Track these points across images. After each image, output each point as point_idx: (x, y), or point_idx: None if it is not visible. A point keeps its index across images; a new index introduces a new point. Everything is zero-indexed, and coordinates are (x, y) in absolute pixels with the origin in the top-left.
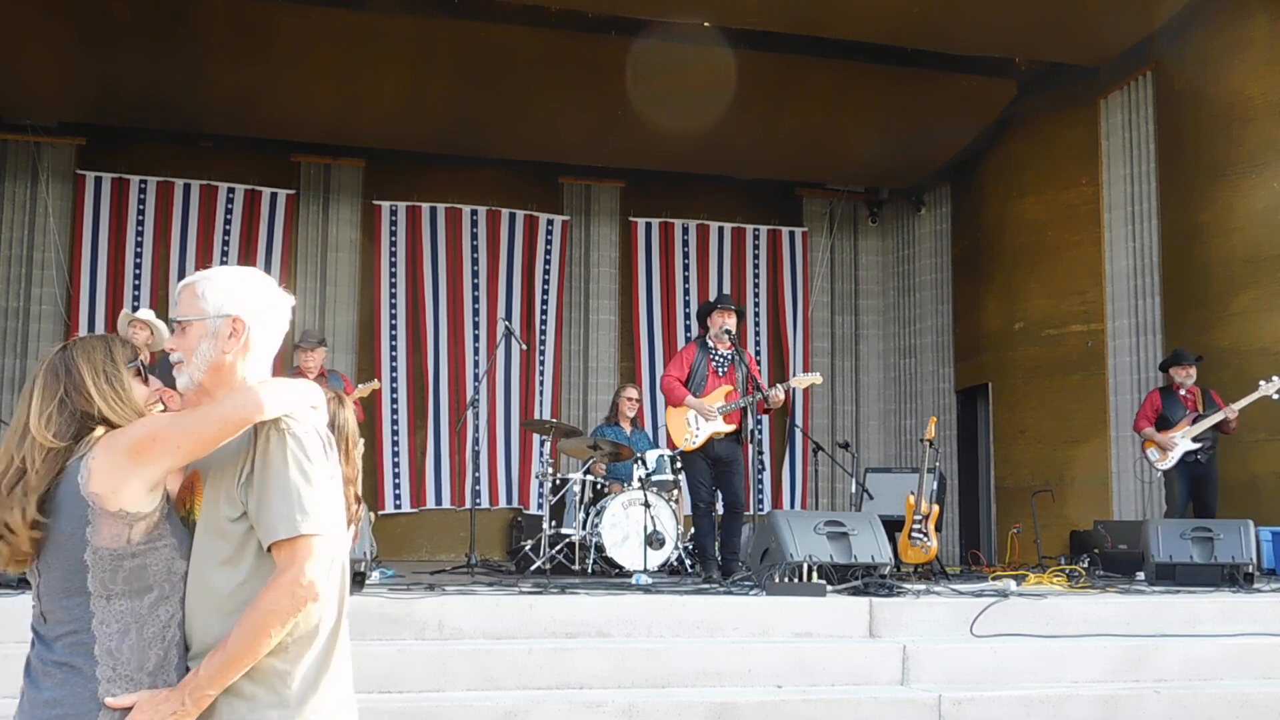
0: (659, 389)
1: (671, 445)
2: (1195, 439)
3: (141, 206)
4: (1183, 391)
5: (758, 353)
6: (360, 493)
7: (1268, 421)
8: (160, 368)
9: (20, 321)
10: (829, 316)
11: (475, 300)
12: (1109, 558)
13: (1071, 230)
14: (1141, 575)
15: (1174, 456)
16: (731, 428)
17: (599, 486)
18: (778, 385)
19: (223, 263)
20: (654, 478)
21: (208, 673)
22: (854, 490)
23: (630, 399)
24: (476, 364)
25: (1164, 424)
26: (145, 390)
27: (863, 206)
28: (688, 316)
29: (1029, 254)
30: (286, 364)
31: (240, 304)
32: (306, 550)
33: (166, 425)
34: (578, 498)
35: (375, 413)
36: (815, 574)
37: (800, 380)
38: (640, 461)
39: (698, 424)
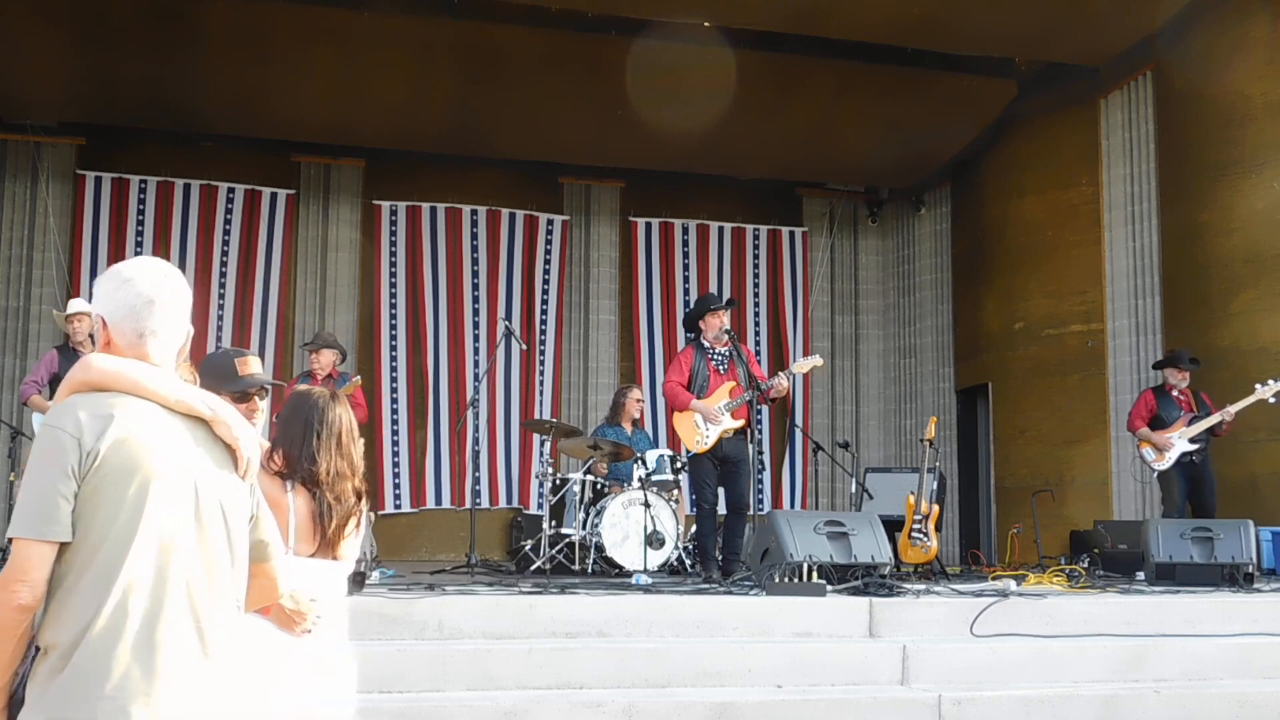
0: (659, 390)
1: (676, 447)
2: (1192, 440)
3: (141, 206)
4: (1175, 393)
5: (757, 352)
6: (362, 489)
7: (1267, 421)
8: None
9: (20, 321)
10: (829, 316)
11: (475, 300)
12: (1109, 558)
13: (1071, 230)
14: (1141, 575)
15: (1171, 457)
16: (740, 423)
17: (599, 486)
18: (780, 374)
19: (223, 263)
20: (654, 478)
21: None
22: (854, 490)
23: (637, 400)
24: (476, 364)
25: (1159, 424)
26: None
27: (863, 206)
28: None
29: (1029, 254)
30: (292, 368)
31: (97, 300)
32: (11, 555)
33: None
34: (578, 498)
35: (375, 412)
36: (815, 574)
37: (802, 365)
38: (640, 461)
39: (706, 425)
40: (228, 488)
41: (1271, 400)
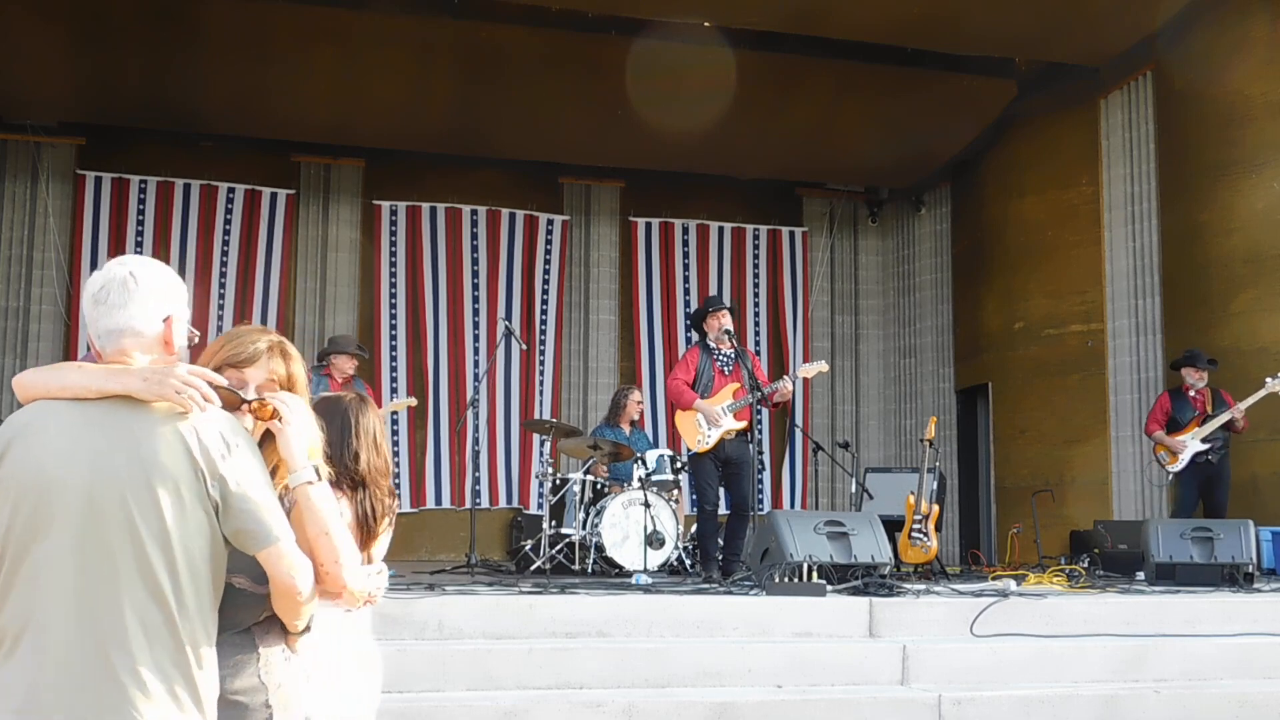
0: (660, 390)
1: (676, 447)
2: (1204, 440)
3: (141, 206)
4: (1192, 393)
5: (758, 352)
6: (393, 489)
7: (1268, 421)
8: None
9: (20, 321)
10: (829, 316)
11: (475, 300)
12: (1109, 558)
13: (1071, 230)
14: (1141, 575)
15: (1184, 459)
16: (742, 424)
17: (599, 486)
18: (785, 377)
19: (223, 263)
20: (654, 478)
21: None
22: (854, 490)
23: (637, 402)
24: (476, 364)
25: (1174, 426)
26: None
27: (863, 206)
28: (688, 316)
29: (1029, 254)
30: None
31: None
32: None
33: None
34: (578, 498)
35: None
36: (815, 574)
37: (807, 369)
38: (640, 461)
39: (709, 425)
40: (155, 472)
41: None
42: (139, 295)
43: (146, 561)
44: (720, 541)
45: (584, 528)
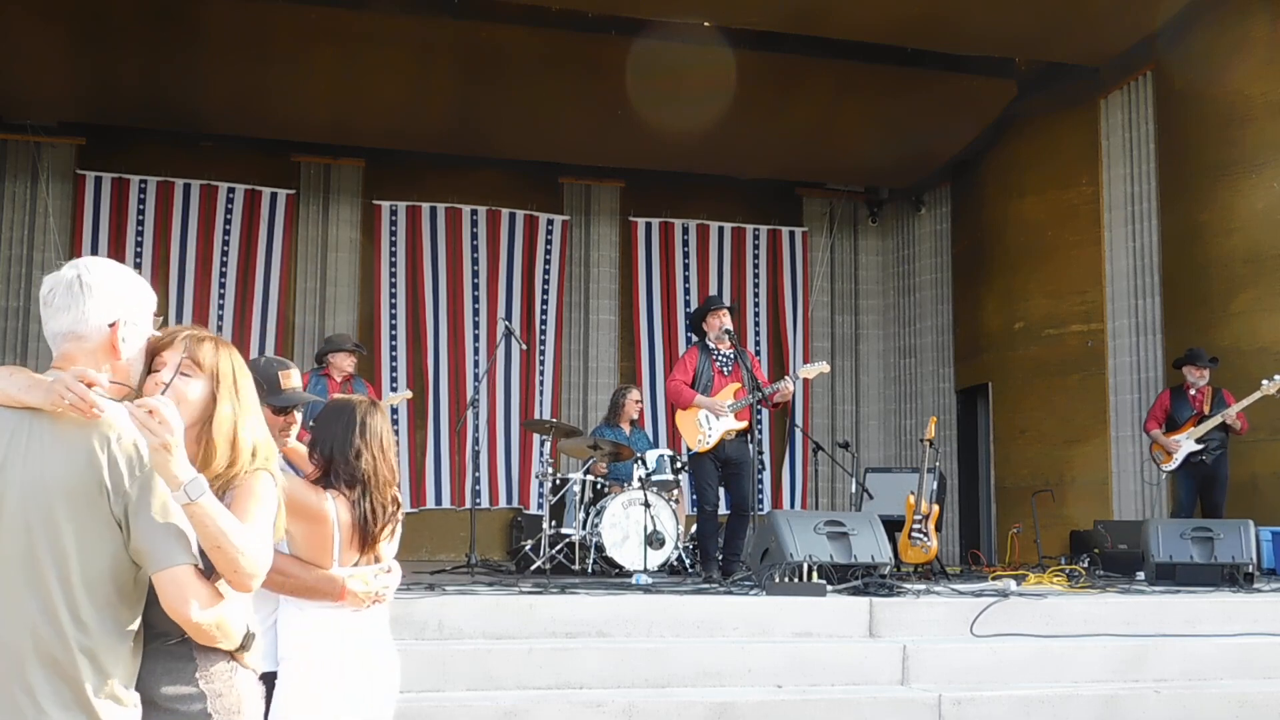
0: (660, 390)
1: (676, 447)
2: (1198, 440)
3: (141, 206)
4: (1193, 391)
5: (758, 352)
6: (399, 498)
7: (1268, 421)
8: None
9: (20, 321)
10: (829, 316)
11: (475, 300)
12: (1109, 558)
13: (1071, 230)
14: (1141, 575)
15: (1178, 459)
16: (743, 424)
17: (599, 486)
18: (786, 378)
19: (223, 263)
20: (654, 478)
21: None
22: (854, 490)
23: (636, 401)
24: (476, 364)
25: (1172, 425)
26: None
27: (863, 206)
28: (688, 316)
29: (1029, 254)
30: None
31: None
32: None
33: None
34: (578, 498)
35: None
36: (815, 574)
37: (808, 370)
38: (640, 461)
39: (709, 424)
40: (57, 487)
41: (1277, 394)
42: (83, 298)
43: (39, 576)
44: (720, 541)
45: (584, 528)
